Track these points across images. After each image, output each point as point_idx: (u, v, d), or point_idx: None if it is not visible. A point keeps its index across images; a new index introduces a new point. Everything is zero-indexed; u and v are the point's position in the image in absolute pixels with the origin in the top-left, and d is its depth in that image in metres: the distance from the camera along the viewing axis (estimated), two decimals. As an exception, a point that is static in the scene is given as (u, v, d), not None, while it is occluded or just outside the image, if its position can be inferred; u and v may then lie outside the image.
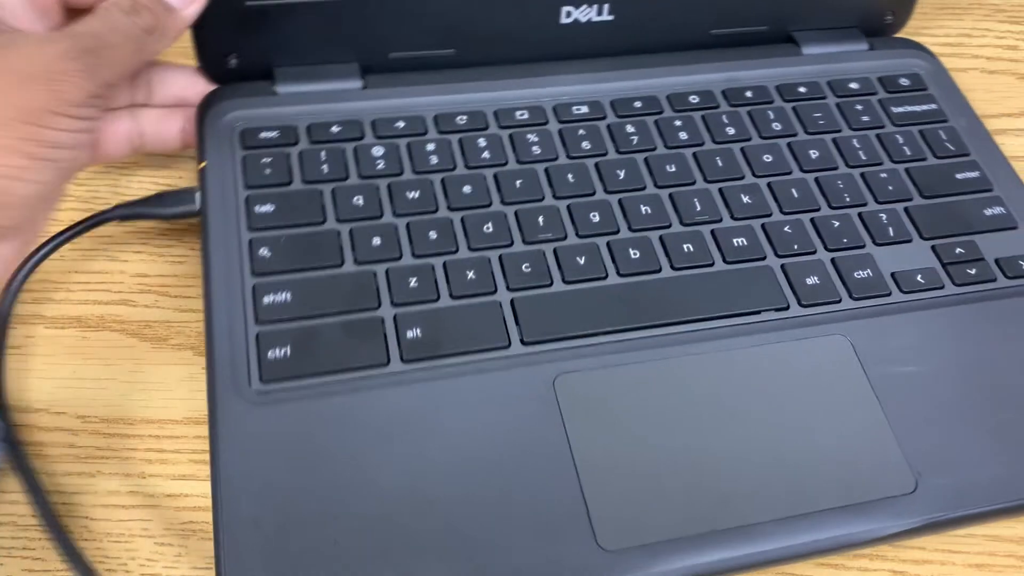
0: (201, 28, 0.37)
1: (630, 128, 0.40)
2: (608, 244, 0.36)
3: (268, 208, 0.35)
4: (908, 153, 0.40)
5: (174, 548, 0.32)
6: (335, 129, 0.38)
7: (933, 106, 0.42)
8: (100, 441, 0.34)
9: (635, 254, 0.36)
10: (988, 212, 0.39)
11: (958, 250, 0.37)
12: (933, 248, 0.37)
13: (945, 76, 0.44)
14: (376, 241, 0.35)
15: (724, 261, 0.36)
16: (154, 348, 0.36)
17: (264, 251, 0.34)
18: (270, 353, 0.31)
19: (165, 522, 0.32)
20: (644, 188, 0.38)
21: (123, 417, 0.35)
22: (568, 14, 0.40)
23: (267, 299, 0.33)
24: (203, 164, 0.36)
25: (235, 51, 0.38)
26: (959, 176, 0.40)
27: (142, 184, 0.40)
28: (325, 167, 0.36)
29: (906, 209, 0.38)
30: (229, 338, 0.32)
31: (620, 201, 0.37)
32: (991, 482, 0.31)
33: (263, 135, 0.37)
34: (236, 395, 0.30)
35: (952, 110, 0.42)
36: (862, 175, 0.39)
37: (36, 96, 0.29)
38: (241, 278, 0.33)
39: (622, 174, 0.38)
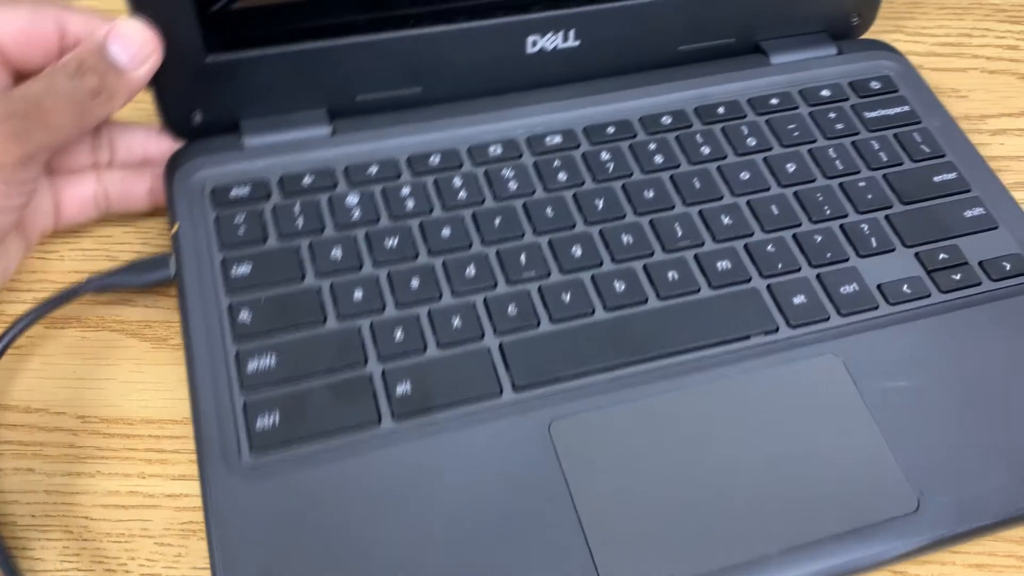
0: (162, 87, 0.36)
1: (605, 155, 0.39)
2: (593, 278, 0.35)
3: (245, 269, 0.34)
4: (884, 159, 0.40)
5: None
6: (307, 180, 0.37)
7: (905, 108, 0.42)
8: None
9: (620, 286, 0.35)
10: (968, 214, 0.39)
11: (941, 256, 0.37)
12: (917, 255, 0.37)
13: (915, 76, 0.44)
14: (358, 294, 0.34)
15: (710, 286, 0.36)
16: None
17: (244, 315, 0.33)
18: (258, 422, 0.31)
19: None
20: (624, 216, 0.37)
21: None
22: (534, 43, 0.40)
23: (251, 365, 0.32)
24: (175, 228, 0.35)
25: (199, 107, 0.37)
26: (937, 179, 0.40)
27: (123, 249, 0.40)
28: (300, 221, 0.36)
29: (887, 217, 0.38)
30: (216, 410, 0.31)
31: (601, 232, 0.37)
32: (993, 493, 0.31)
33: (234, 192, 0.36)
34: (227, 471, 0.30)
35: (924, 110, 0.42)
36: (840, 185, 0.39)
37: None
38: (223, 345, 0.32)
39: (600, 204, 0.38)
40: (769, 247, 0.37)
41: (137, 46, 0.34)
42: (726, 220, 0.37)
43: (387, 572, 0.28)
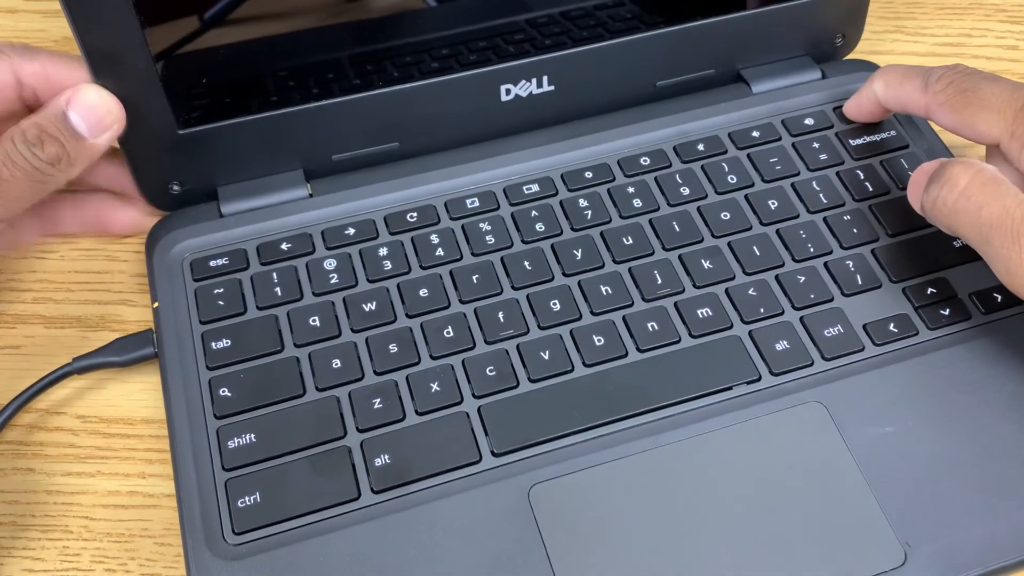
0: (137, 162, 0.37)
1: (583, 202, 0.39)
2: (571, 333, 0.35)
3: (225, 343, 0.35)
4: (870, 189, 0.39)
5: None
6: (285, 246, 0.37)
7: (892, 132, 0.41)
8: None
9: (599, 340, 0.35)
10: (957, 243, 0.38)
11: (930, 290, 0.36)
12: (904, 291, 0.36)
13: (902, 96, 0.43)
14: (336, 363, 0.34)
15: (690, 335, 0.35)
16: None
17: (224, 391, 0.33)
18: (240, 502, 0.31)
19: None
20: (603, 266, 0.37)
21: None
22: (508, 91, 0.40)
23: (232, 443, 0.32)
24: (156, 304, 0.36)
25: (176, 179, 0.38)
26: (924, 207, 0.39)
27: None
28: (278, 289, 0.36)
29: (873, 252, 0.38)
30: (198, 489, 0.31)
31: (580, 284, 0.37)
32: (981, 542, 0.31)
33: (213, 263, 0.37)
34: (211, 553, 0.30)
35: (912, 133, 0.41)
36: (825, 220, 0.39)
37: None
38: (205, 423, 0.33)
39: (579, 254, 0.37)
40: (751, 291, 0.36)
41: (99, 115, 0.34)
42: (707, 264, 0.37)
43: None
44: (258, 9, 0.36)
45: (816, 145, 0.41)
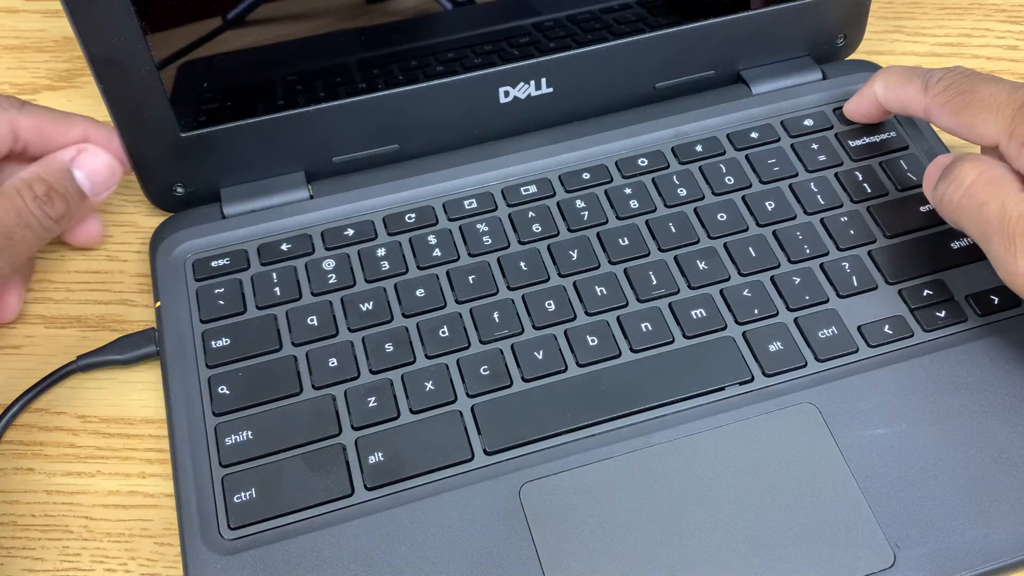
0: (142, 165, 0.38)
1: (580, 203, 0.39)
2: (566, 333, 0.36)
3: (224, 342, 0.35)
4: (869, 191, 0.39)
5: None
6: (285, 247, 0.38)
7: (892, 134, 0.41)
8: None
9: (593, 341, 0.35)
10: (955, 245, 0.38)
11: (926, 292, 0.36)
12: (900, 293, 0.36)
13: (904, 97, 0.43)
14: (332, 362, 0.35)
15: (684, 336, 0.35)
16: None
17: (223, 389, 0.34)
18: (236, 498, 0.32)
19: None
20: (598, 267, 0.37)
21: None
22: (506, 93, 0.40)
23: (229, 440, 0.33)
24: (158, 304, 0.36)
25: (179, 181, 0.39)
26: (923, 209, 0.39)
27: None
28: (277, 289, 0.37)
29: (870, 253, 0.38)
30: (195, 485, 0.32)
31: (575, 284, 0.37)
32: (971, 545, 0.31)
33: (214, 263, 0.37)
34: (206, 547, 0.31)
35: (912, 134, 0.41)
36: (822, 221, 0.39)
37: None
38: (203, 420, 0.34)
39: (575, 254, 0.38)
40: (746, 292, 0.36)
41: (103, 176, 0.35)
42: (702, 265, 0.37)
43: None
44: (261, 14, 0.36)
45: (815, 146, 0.41)
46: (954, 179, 0.33)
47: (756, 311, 0.36)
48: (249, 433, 0.33)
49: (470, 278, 0.37)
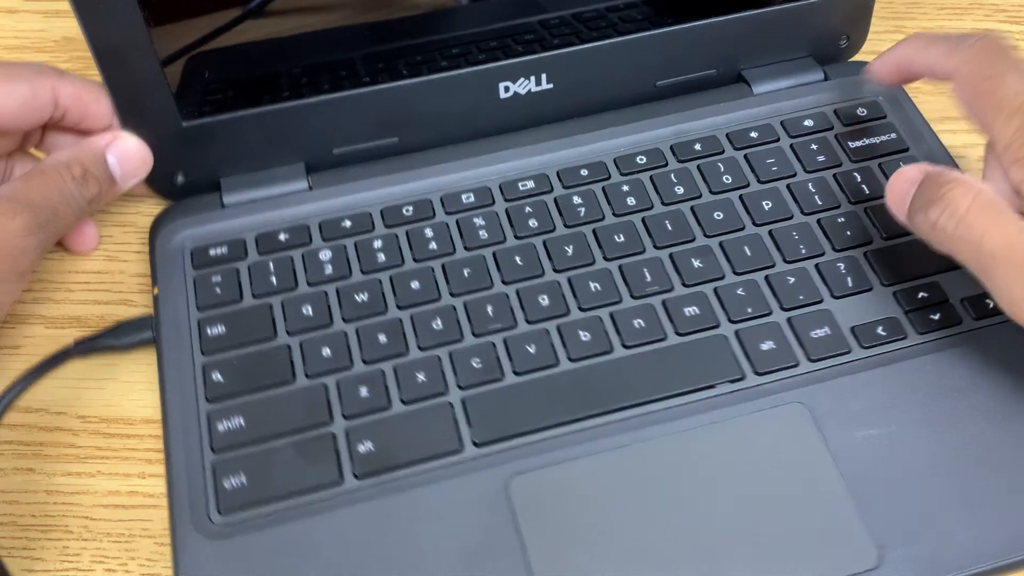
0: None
1: (577, 199, 0.39)
2: (558, 328, 0.36)
3: (220, 330, 0.36)
4: (867, 192, 0.39)
5: None
6: (283, 237, 0.38)
7: (892, 135, 0.41)
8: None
9: (585, 336, 0.35)
10: (953, 248, 0.37)
11: (921, 294, 0.36)
12: (895, 295, 0.36)
13: (905, 99, 0.42)
14: (326, 352, 0.35)
15: (676, 333, 0.36)
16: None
17: (216, 375, 0.34)
18: (226, 483, 0.32)
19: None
20: (593, 263, 0.37)
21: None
22: (507, 89, 0.40)
23: (221, 426, 0.33)
24: (156, 291, 0.37)
25: (180, 169, 0.39)
26: (921, 211, 0.38)
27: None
28: (274, 279, 0.37)
29: (866, 254, 0.38)
30: (187, 470, 0.32)
31: (569, 280, 0.37)
32: (958, 548, 0.31)
33: (212, 252, 0.38)
34: (196, 531, 0.31)
35: (913, 137, 0.41)
36: (819, 222, 0.39)
37: None
38: (196, 406, 0.34)
39: (570, 250, 0.38)
40: (739, 290, 0.36)
41: (135, 163, 0.36)
42: (697, 263, 0.37)
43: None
44: (263, 7, 0.37)
45: (814, 147, 0.41)
46: (946, 207, 0.31)
47: (749, 310, 0.36)
48: (241, 420, 0.33)
49: (465, 271, 0.37)
